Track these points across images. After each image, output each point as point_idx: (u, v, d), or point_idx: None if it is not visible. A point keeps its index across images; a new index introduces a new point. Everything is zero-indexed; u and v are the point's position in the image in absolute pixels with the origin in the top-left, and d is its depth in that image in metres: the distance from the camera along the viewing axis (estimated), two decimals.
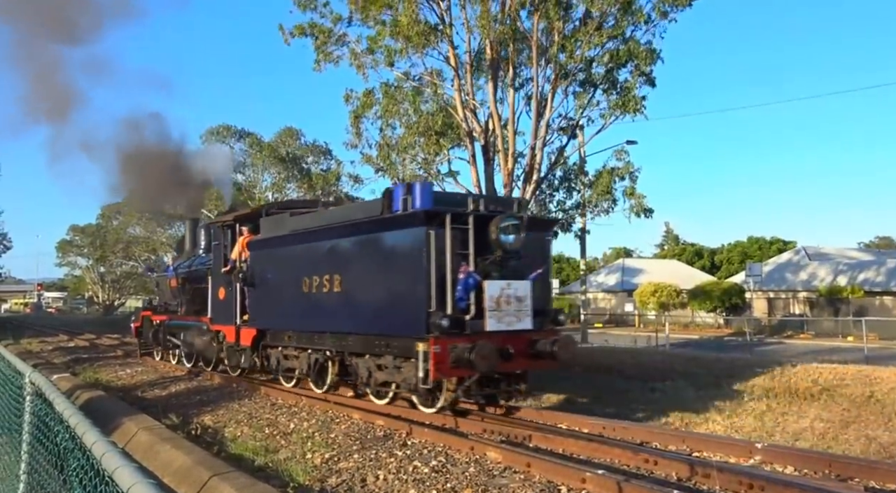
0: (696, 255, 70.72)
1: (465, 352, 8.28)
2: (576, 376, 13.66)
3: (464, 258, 8.73)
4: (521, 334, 9.05)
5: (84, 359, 18.87)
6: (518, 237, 8.99)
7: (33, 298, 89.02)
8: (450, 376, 8.62)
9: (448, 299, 8.52)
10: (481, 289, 8.71)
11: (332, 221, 10.59)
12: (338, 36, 25.50)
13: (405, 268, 8.90)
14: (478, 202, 9.22)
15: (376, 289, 9.43)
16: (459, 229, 8.75)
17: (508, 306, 8.87)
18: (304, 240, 11.04)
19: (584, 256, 29.07)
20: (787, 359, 14.41)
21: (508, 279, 8.95)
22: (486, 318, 8.68)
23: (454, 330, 8.44)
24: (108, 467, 2.21)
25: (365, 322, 9.66)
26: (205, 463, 6.46)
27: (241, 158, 52.51)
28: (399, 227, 9.04)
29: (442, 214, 8.58)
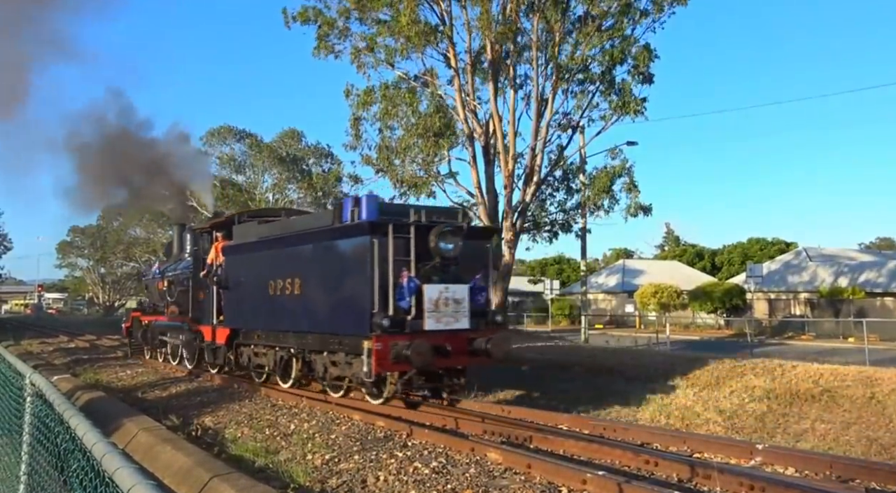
0: (696, 256, 70.69)
1: (403, 349, 9.11)
2: (577, 377, 13.87)
3: (405, 265, 9.51)
4: (459, 333, 9.87)
5: (84, 360, 18.87)
6: (456, 246, 9.86)
7: (34, 299, 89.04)
8: (391, 370, 9.48)
9: (390, 302, 9.35)
10: (421, 292, 9.49)
11: (293, 230, 11.64)
12: (340, 28, 25.54)
13: (352, 273, 9.83)
14: (419, 213, 10.03)
15: (329, 292, 10.38)
16: (402, 238, 9.57)
17: (447, 308, 9.74)
18: (269, 246, 11.97)
19: (584, 256, 29.09)
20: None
21: (448, 283, 9.81)
22: (425, 318, 9.50)
23: (395, 329, 9.27)
24: (109, 468, 2.21)
25: (321, 322, 10.57)
26: (205, 464, 6.45)
27: (241, 158, 52.55)
28: (347, 236, 9.95)
29: (385, 224, 9.44)
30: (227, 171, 52.80)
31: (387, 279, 9.33)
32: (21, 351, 21.60)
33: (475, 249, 10.53)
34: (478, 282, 10.23)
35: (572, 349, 19.46)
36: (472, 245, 10.43)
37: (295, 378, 11.76)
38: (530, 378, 14.27)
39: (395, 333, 9.26)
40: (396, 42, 24.83)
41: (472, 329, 10.02)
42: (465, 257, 10.06)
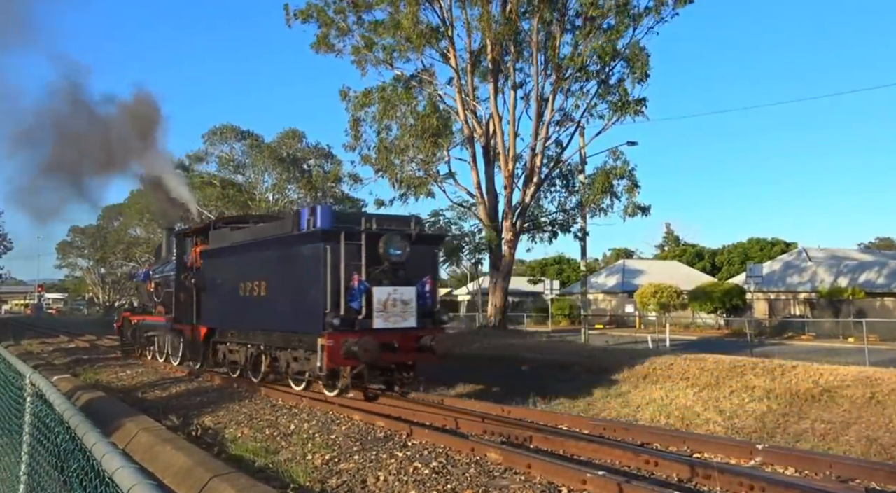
0: (696, 256, 70.69)
1: (352, 346, 9.97)
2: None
3: (356, 269, 10.40)
4: (407, 332, 10.73)
5: (84, 360, 18.87)
6: (404, 251, 10.74)
7: (34, 299, 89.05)
8: (341, 365, 10.36)
9: (341, 303, 10.25)
10: (370, 294, 10.36)
11: (259, 236, 12.67)
12: (340, 26, 25.56)
13: (308, 276, 10.72)
14: (371, 222, 10.86)
15: (290, 294, 11.29)
16: (354, 245, 10.46)
17: (395, 308, 10.60)
18: (239, 251, 12.97)
19: (584, 256, 29.08)
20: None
21: (396, 286, 10.66)
22: (374, 318, 10.35)
23: (345, 328, 10.15)
24: (109, 468, 2.21)
25: (283, 322, 11.56)
26: (205, 464, 6.45)
27: (241, 158, 52.51)
28: (304, 243, 10.90)
29: (337, 232, 10.36)
30: (227, 171, 52.78)
31: (339, 282, 10.24)
32: (21, 351, 21.60)
33: (424, 254, 11.40)
34: (425, 284, 11.09)
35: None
36: (421, 250, 11.29)
37: (264, 373, 12.63)
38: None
39: (345, 331, 10.14)
40: (396, 42, 24.85)
41: (418, 328, 10.84)
42: (414, 261, 10.94)
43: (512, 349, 18.64)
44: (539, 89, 25.12)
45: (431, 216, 27.79)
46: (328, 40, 25.78)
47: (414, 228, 11.46)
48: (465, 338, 21.90)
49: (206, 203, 51.50)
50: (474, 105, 25.68)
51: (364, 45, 25.40)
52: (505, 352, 18.32)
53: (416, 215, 12.15)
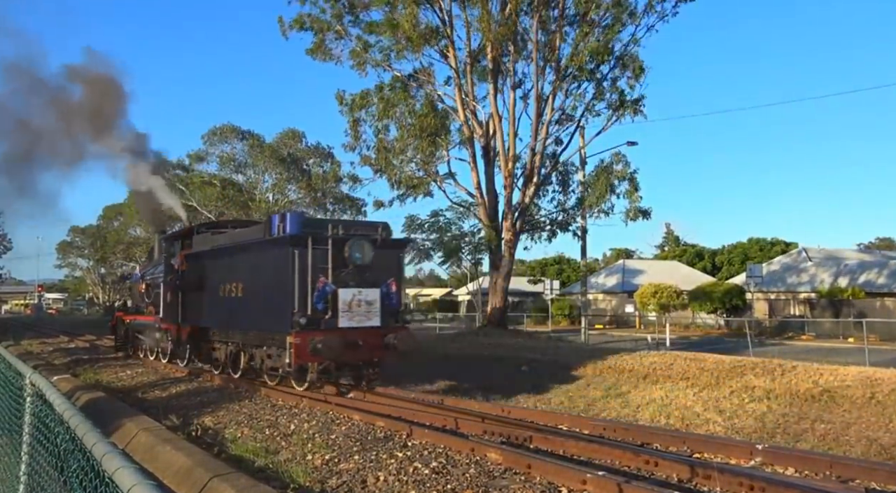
0: (696, 256, 70.67)
1: (318, 344, 10.63)
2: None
3: (323, 271, 11.01)
4: (371, 330, 11.39)
5: (84, 360, 18.87)
6: (367, 255, 11.37)
7: (34, 299, 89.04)
8: (308, 361, 11.05)
9: (308, 303, 10.89)
10: (336, 295, 11.02)
11: (236, 241, 13.48)
12: (337, 31, 25.55)
13: (278, 279, 11.33)
14: (337, 227, 11.56)
15: (262, 295, 11.99)
16: (321, 249, 11.09)
17: (359, 308, 11.29)
18: (219, 255, 13.83)
19: (584, 257, 29.08)
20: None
21: (361, 287, 11.32)
22: (339, 317, 11.04)
23: (312, 327, 10.83)
24: (109, 468, 2.20)
25: (257, 321, 12.28)
26: (205, 464, 6.45)
27: (241, 158, 52.49)
28: (274, 247, 11.62)
29: (305, 237, 10.99)
30: (228, 170, 52.76)
31: (306, 284, 10.91)
32: (21, 351, 21.59)
33: (389, 257, 12.11)
34: (389, 286, 11.73)
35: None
36: (386, 254, 11.99)
37: (243, 369, 13.29)
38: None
39: (312, 330, 10.82)
40: (396, 43, 24.84)
41: (382, 327, 11.52)
42: (379, 264, 11.60)
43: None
44: (538, 89, 25.12)
45: (431, 216, 27.77)
46: (325, 46, 25.80)
47: (381, 233, 12.22)
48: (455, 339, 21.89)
49: (205, 203, 51.48)
50: (474, 105, 25.68)
51: (362, 48, 25.40)
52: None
53: (384, 222, 12.83)
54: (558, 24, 24.61)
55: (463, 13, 24.85)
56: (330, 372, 11.70)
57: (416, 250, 27.37)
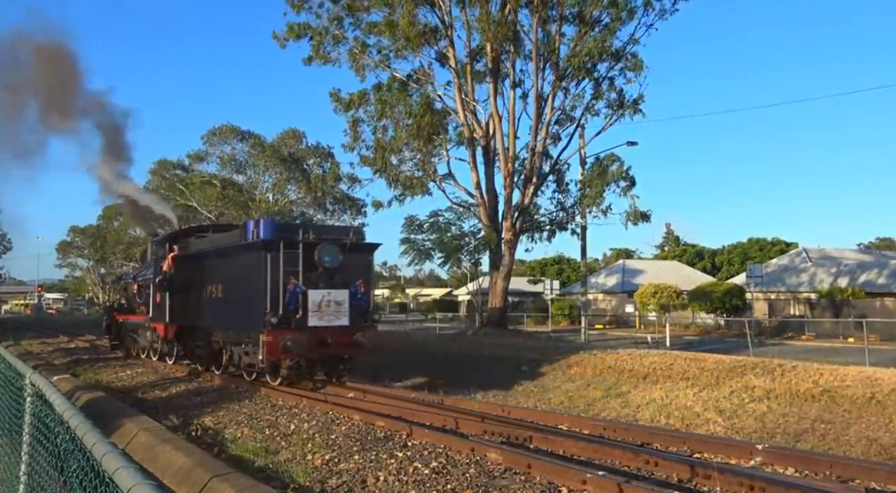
0: (696, 256, 70.73)
1: (287, 341, 11.39)
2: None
3: (294, 274, 11.71)
4: (340, 329, 12.06)
5: (84, 360, 18.86)
6: (336, 259, 12.02)
7: (34, 299, 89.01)
8: (279, 358, 11.84)
9: (280, 304, 11.63)
10: (306, 296, 11.69)
11: (216, 245, 14.40)
12: (334, 36, 25.54)
13: (252, 281, 12.14)
14: (308, 232, 12.30)
15: (239, 296, 12.76)
16: (292, 253, 11.76)
17: (328, 308, 11.97)
18: (202, 258, 14.71)
19: (584, 257, 29.06)
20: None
21: (331, 289, 11.97)
22: (309, 317, 11.73)
23: (283, 326, 11.57)
24: (109, 468, 2.20)
25: (235, 320, 12.99)
26: (205, 464, 6.44)
27: (242, 158, 52.46)
28: (248, 251, 12.41)
29: (277, 242, 11.78)
30: (228, 170, 52.74)
31: (278, 286, 11.65)
32: (21, 351, 21.58)
33: (358, 260, 12.77)
34: (358, 287, 12.42)
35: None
36: (356, 257, 12.65)
37: (224, 366, 13.95)
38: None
39: (283, 328, 11.55)
40: (395, 43, 24.84)
41: (351, 326, 12.18)
42: (349, 267, 12.27)
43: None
44: (538, 89, 25.12)
45: (430, 217, 27.74)
46: (323, 50, 25.79)
47: (351, 237, 12.93)
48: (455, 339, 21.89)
49: (206, 203, 51.46)
50: (474, 105, 25.67)
51: (360, 50, 25.39)
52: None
53: (356, 226, 14.24)
54: (558, 23, 24.61)
55: (462, 14, 24.84)
56: (302, 368, 12.46)
57: (416, 250, 27.33)
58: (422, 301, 75.75)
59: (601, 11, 23.63)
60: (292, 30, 25.61)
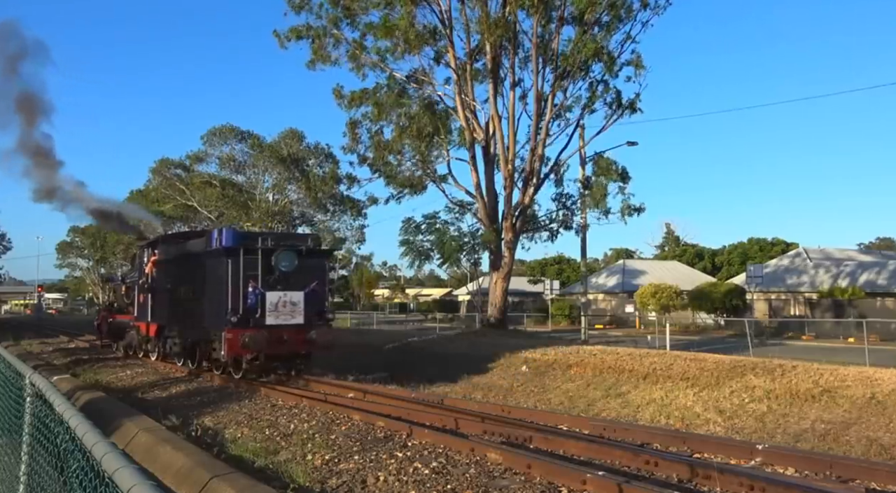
0: (696, 256, 70.73)
1: (246, 339, 12.60)
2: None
3: (253, 277, 12.97)
4: (296, 328, 13.23)
5: (84, 360, 18.86)
6: (292, 264, 13.16)
7: (34, 299, 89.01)
8: (239, 354, 12.96)
9: (240, 305, 12.85)
10: (264, 297, 12.93)
11: (188, 250, 15.71)
12: (334, 35, 25.53)
13: (216, 284, 13.39)
14: (267, 240, 13.51)
15: (206, 297, 14.03)
16: (252, 258, 13.01)
17: (285, 308, 13.16)
18: (177, 262, 16.09)
19: (584, 257, 29.05)
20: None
21: (287, 291, 13.15)
22: (267, 316, 12.95)
23: (242, 325, 12.77)
24: (109, 468, 2.20)
25: (203, 319, 14.12)
26: (205, 465, 6.44)
27: (241, 158, 52.43)
28: (213, 257, 13.72)
29: (237, 248, 13.01)
30: (228, 170, 52.71)
31: (238, 288, 12.88)
32: (21, 351, 21.58)
33: (314, 265, 13.96)
34: (313, 289, 13.52)
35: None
36: (312, 262, 13.82)
37: (198, 361, 14.95)
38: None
39: (243, 327, 12.75)
40: (394, 45, 24.83)
41: (306, 325, 13.31)
42: (305, 270, 13.39)
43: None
44: (538, 89, 25.10)
45: (429, 218, 27.67)
46: (325, 51, 25.77)
47: (309, 243, 14.23)
48: (454, 340, 21.88)
49: (206, 204, 51.43)
50: (473, 105, 25.66)
51: (358, 49, 25.38)
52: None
53: (314, 233, 15.82)
54: (557, 23, 24.61)
55: (462, 15, 24.84)
56: (261, 362, 13.51)
57: (415, 252, 27.30)
58: (422, 301, 75.76)
59: (600, 12, 23.63)
60: (294, 30, 25.60)
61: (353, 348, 20.25)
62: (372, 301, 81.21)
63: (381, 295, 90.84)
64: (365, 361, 18.09)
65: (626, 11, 23.48)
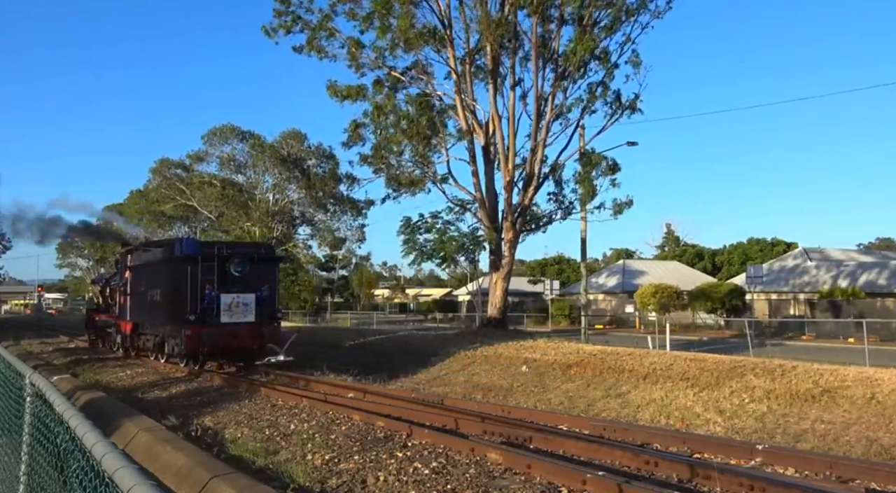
0: (696, 256, 70.69)
1: (202, 335, 14.69)
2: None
3: (210, 281, 15.09)
4: (248, 325, 15.30)
5: (84, 360, 18.87)
6: (245, 269, 15.31)
7: (34, 299, 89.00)
8: (198, 348, 15.01)
9: (198, 305, 14.98)
10: (219, 299, 15.02)
11: (156, 257, 17.76)
12: (329, 29, 25.49)
13: (178, 287, 15.40)
14: (223, 248, 15.76)
15: (171, 299, 15.94)
16: (209, 264, 15.12)
17: (238, 309, 15.28)
18: (147, 268, 17.94)
19: (584, 258, 29.02)
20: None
21: (240, 293, 15.31)
22: (221, 315, 15.07)
23: (199, 323, 14.88)
24: (109, 468, 2.20)
25: (169, 318, 16.04)
26: (205, 465, 6.44)
27: (242, 158, 52.44)
28: (176, 263, 15.67)
29: (196, 256, 15.18)
30: (228, 170, 52.70)
31: (196, 291, 14.99)
32: (21, 351, 21.58)
33: (265, 270, 16.09)
34: (263, 291, 15.64)
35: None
36: (263, 267, 15.98)
37: (168, 355, 16.57)
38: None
39: (200, 324, 14.82)
40: (391, 44, 24.80)
41: (256, 323, 15.35)
42: (256, 275, 15.58)
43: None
44: (538, 88, 25.09)
45: (431, 217, 27.62)
46: (317, 43, 25.73)
47: (262, 251, 16.70)
48: (454, 340, 21.87)
49: (206, 203, 51.44)
50: (473, 105, 25.64)
51: (354, 47, 25.34)
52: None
53: (267, 243, 16.97)
54: (557, 23, 24.60)
55: (461, 15, 24.82)
56: (216, 356, 15.57)
57: (417, 251, 27.28)
58: (422, 302, 75.75)
59: (599, 12, 23.62)
60: (281, 21, 25.53)
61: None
62: (372, 301, 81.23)
63: (381, 295, 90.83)
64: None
65: (626, 13, 23.46)
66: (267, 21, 26.41)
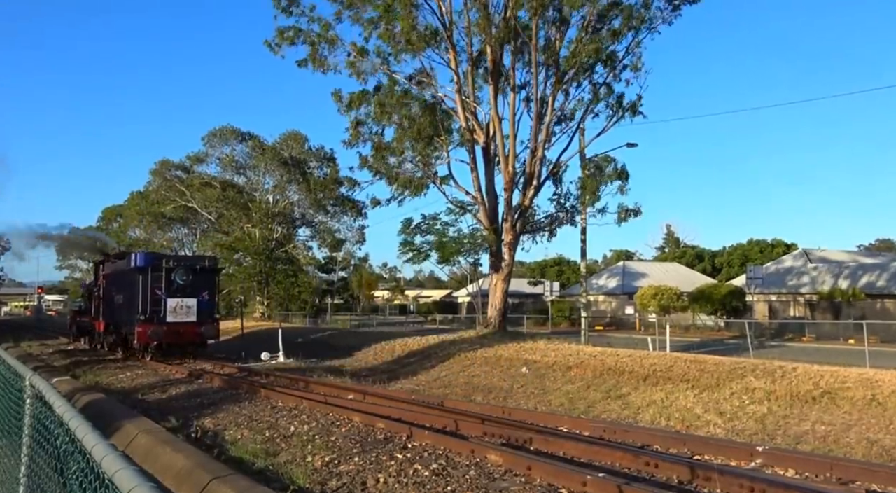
0: (696, 258, 70.66)
1: (150, 331, 18.33)
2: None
3: (158, 287, 18.57)
4: (190, 324, 19.00)
5: (84, 362, 18.89)
6: (188, 278, 19.00)
7: (34, 301, 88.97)
8: (147, 342, 18.67)
9: (148, 307, 18.56)
10: (166, 302, 18.61)
11: (118, 267, 21.73)
12: (329, 38, 25.48)
13: (133, 292, 18.99)
14: (169, 261, 19.51)
15: (129, 302, 19.58)
16: (158, 274, 18.67)
17: (181, 310, 18.95)
18: (112, 276, 22.09)
19: (584, 259, 28.99)
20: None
21: (184, 297, 18.94)
22: (167, 316, 18.68)
23: (149, 321, 18.47)
24: (109, 470, 2.20)
25: (127, 318, 19.69)
26: (205, 466, 6.43)
27: (242, 160, 52.42)
28: (131, 273, 19.26)
29: (146, 267, 18.69)
30: (229, 171, 52.68)
31: (147, 295, 18.52)
32: (21, 353, 21.57)
33: (206, 278, 19.74)
34: (204, 296, 19.34)
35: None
36: (205, 276, 19.66)
37: (129, 348, 19.92)
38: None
39: (149, 323, 18.42)
40: (393, 46, 24.81)
41: (198, 322, 19.06)
42: (198, 283, 19.26)
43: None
44: (539, 91, 25.10)
45: (431, 219, 27.60)
46: (320, 56, 25.73)
47: (205, 263, 20.22)
48: (454, 344, 21.86)
49: (206, 205, 51.42)
50: (474, 107, 25.65)
51: (357, 54, 25.34)
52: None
53: (211, 256, 21.75)
54: (558, 26, 24.61)
55: (464, 17, 24.83)
56: (163, 349, 18.78)
57: (416, 251, 27.28)
58: (422, 303, 75.73)
59: (599, 16, 23.64)
60: (283, 35, 25.55)
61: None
62: (372, 303, 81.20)
63: (380, 297, 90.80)
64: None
65: (637, 20, 23.47)
66: (270, 21, 26.42)
